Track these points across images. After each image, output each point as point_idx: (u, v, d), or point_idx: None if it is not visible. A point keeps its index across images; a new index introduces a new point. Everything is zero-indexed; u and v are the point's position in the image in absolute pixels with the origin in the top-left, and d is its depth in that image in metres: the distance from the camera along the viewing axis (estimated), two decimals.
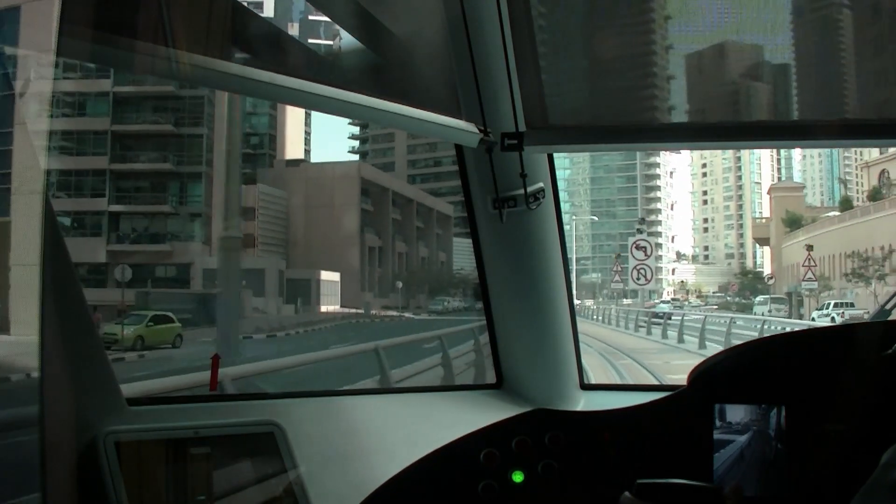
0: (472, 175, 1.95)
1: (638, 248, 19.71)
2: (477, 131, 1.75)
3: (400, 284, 37.01)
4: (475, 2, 1.67)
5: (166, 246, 31.07)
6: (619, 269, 26.19)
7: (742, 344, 1.98)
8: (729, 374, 1.87)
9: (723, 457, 1.82)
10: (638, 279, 19.56)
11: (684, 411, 1.88)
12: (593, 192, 52.52)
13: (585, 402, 2.11)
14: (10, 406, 1.31)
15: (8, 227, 1.42)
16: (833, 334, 2.02)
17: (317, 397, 1.94)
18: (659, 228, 50.42)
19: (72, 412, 1.28)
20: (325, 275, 34.91)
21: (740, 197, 51.96)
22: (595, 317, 31.76)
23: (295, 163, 40.48)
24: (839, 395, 1.74)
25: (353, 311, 32.33)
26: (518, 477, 1.91)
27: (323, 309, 32.79)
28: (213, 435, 1.43)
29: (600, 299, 44.40)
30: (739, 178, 51.91)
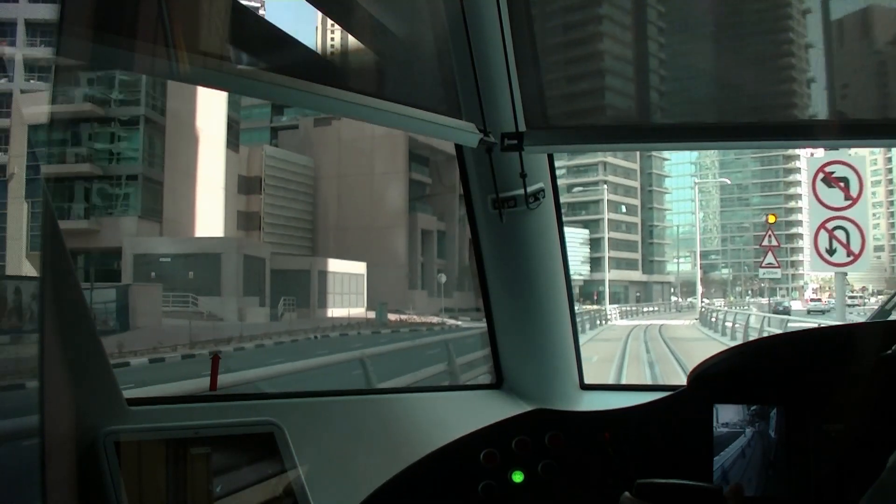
0: (472, 175, 1.96)
1: (829, 181, 7.77)
2: (477, 131, 1.75)
3: (443, 278, 27.15)
4: (475, 2, 1.67)
5: (88, 222, 21.54)
6: (776, 242, 12.57)
7: (742, 344, 1.98)
8: (729, 374, 1.87)
9: (723, 457, 1.82)
10: (831, 252, 7.76)
11: (684, 411, 1.88)
12: (722, 177, 46.84)
13: (585, 402, 2.11)
14: (9, 406, 1.31)
15: None
16: (833, 334, 2.02)
17: (317, 397, 1.94)
18: (799, 216, 44.38)
19: (72, 412, 1.28)
20: (339, 265, 25.47)
21: (890, 181, 43.80)
22: (718, 325, 19.53)
23: (325, 121, 31.48)
24: (839, 395, 1.74)
25: (367, 317, 23.84)
26: (518, 477, 1.91)
27: (332, 312, 24.02)
28: (213, 435, 1.43)
29: (731, 298, 38.32)
30: (889, 159, 43.06)
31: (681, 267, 47.58)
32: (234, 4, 1.35)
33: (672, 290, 47.21)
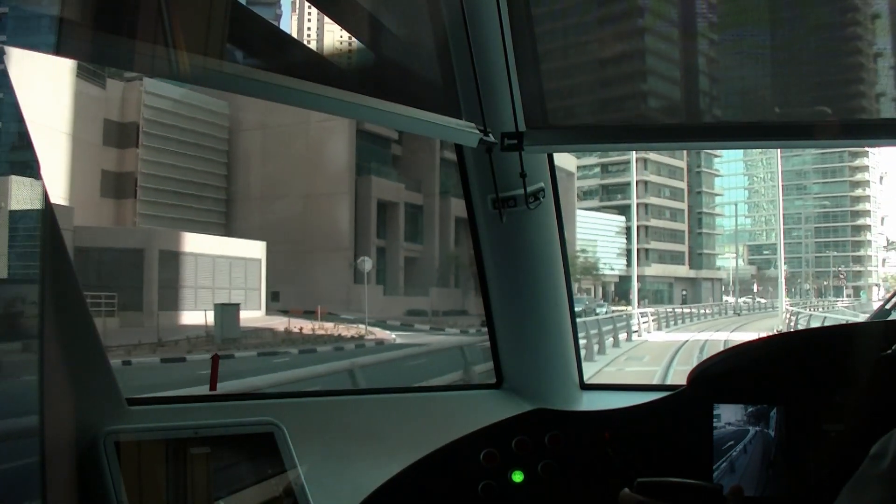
0: (472, 175, 1.96)
1: None
2: (477, 131, 1.75)
3: (368, 265, 18.00)
4: (475, 2, 1.67)
5: None
6: None
7: (742, 344, 1.98)
8: (729, 374, 1.87)
9: (723, 457, 1.82)
10: None
11: (684, 411, 1.88)
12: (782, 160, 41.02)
13: (585, 402, 2.11)
14: (9, 406, 1.31)
15: None
16: (833, 335, 2.02)
17: (317, 397, 1.94)
18: (867, 206, 40.27)
19: (72, 412, 1.28)
20: (207, 244, 16.20)
21: None
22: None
23: None
24: (839, 395, 1.74)
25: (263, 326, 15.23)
26: (518, 477, 1.91)
27: (186, 317, 15.07)
28: (213, 435, 1.43)
29: (816, 299, 33.59)
30: None
31: (731, 262, 41.20)
32: (234, 4, 1.35)
33: (724, 287, 41.62)
